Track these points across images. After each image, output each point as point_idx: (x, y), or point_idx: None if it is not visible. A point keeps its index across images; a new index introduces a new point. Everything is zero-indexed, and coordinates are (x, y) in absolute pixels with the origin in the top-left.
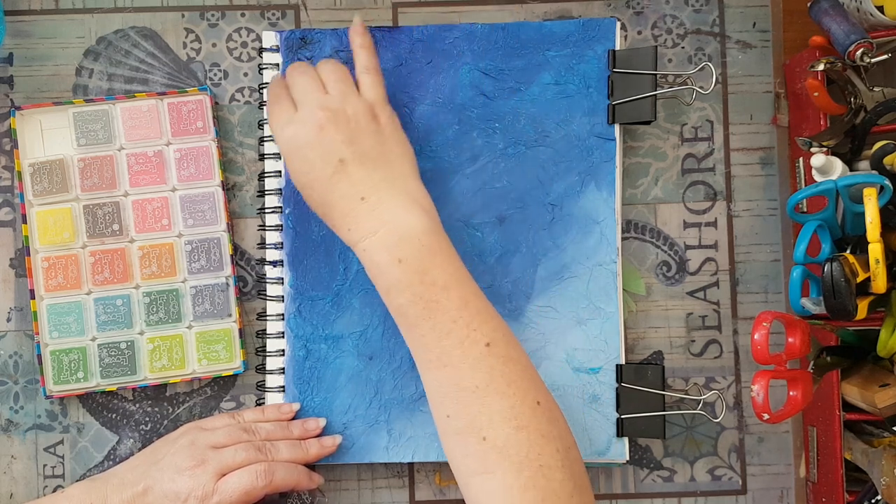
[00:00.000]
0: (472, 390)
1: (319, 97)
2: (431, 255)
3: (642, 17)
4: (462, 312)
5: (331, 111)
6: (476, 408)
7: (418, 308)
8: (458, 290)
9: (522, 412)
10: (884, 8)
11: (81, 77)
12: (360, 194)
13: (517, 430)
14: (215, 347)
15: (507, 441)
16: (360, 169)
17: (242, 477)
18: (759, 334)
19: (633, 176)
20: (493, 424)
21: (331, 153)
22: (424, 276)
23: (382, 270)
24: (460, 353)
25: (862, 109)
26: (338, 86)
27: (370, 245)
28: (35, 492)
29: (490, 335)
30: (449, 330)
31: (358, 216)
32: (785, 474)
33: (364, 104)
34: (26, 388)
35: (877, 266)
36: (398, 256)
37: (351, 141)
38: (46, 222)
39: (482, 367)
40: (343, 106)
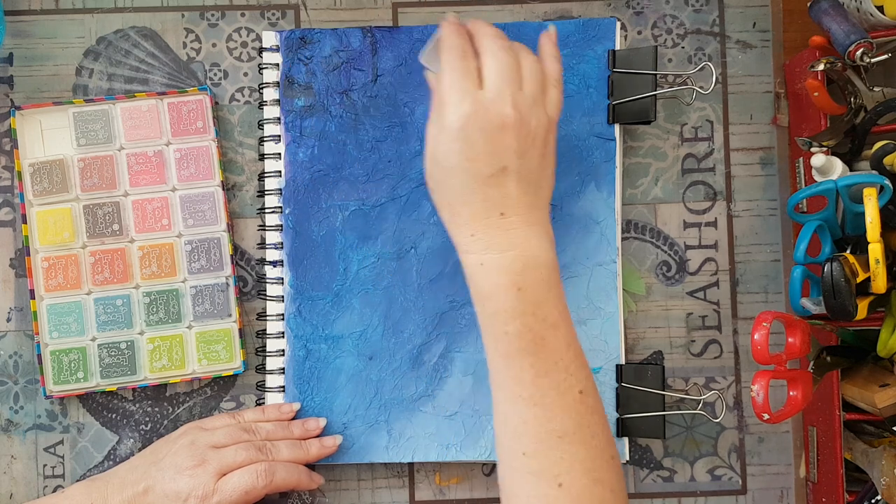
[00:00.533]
0: (558, 435)
1: (515, 91)
2: (549, 289)
3: (642, 17)
4: (563, 355)
5: (519, 115)
6: (558, 454)
7: (525, 340)
8: (565, 331)
9: (601, 466)
10: (884, 8)
11: (81, 77)
12: (503, 209)
13: (594, 482)
14: (215, 347)
15: (582, 492)
16: (517, 185)
17: (243, 476)
18: (759, 334)
19: (633, 176)
20: (572, 473)
21: (500, 156)
22: (539, 309)
23: (497, 293)
24: (555, 395)
25: (862, 109)
26: (534, 89)
27: (491, 262)
28: (35, 492)
29: (584, 383)
30: (548, 370)
31: (489, 228)
32: (785, 474)
33: (546, 120)
34: (26, 388)
35: (877, 266)
36: (519, 284)
37: (522, 154)
38: (46, 222)
39: (572, 415)
40: (531, 114)
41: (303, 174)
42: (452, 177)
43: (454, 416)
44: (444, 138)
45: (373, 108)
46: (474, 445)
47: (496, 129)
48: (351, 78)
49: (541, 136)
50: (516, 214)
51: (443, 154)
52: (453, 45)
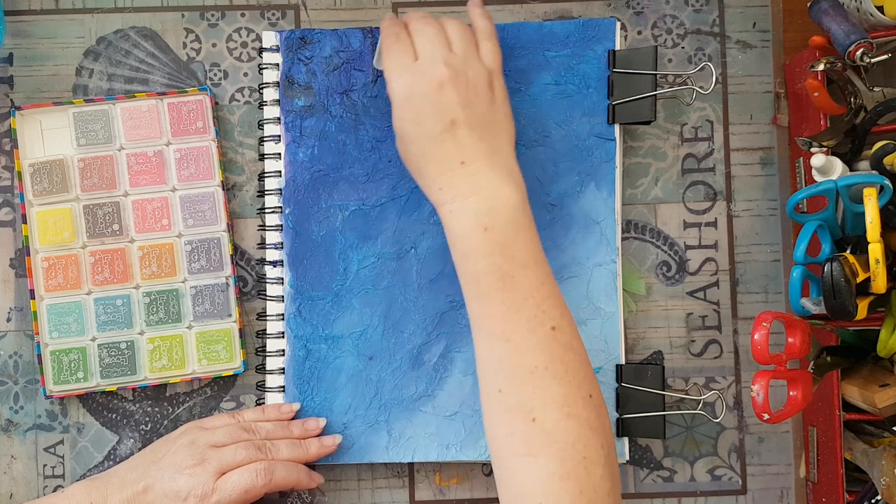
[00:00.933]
0: (530, 370)
1: (445, 53)
2: (516, 230)
3: (642, 17)
4: (535, 292)
5: (454, 70)
6: (531, 388)
7: (494, 278)
8: (535, 270)
9: (575, 401)
10: (884, 8)
11: (81, 77)
12: (462, 158)
13: (567, 417)
14: (215, 347)
15: (555, 426)
16: (469, 133)
17: (242, 475)
18: (759, 334)
19: (633, 176)
20: (545, 407)
21: (445, 111)
22: (506, 248)
23: (465, 235)
24: (526, 330)
25: (862, 109)
26: (463, 46)
27: (458, 208)
28: (35, 492)
29: (557, 320)
30: (519, 307)
31: (454, 178)
32: (785, 474)
33: (484, 70)
34: (26, 388)
35: (877, 266)
36: (485, 225)
37: (466, 104)
38: (46, 222)
39: (544, 350)
40: (465, 67)
41: (303, 174)
42: (412, 143)
43: (454, 416)
44: (396, 112)
45: (373, 108)
46: (474, 445)
47: (435, 89)
48: (351, 78)
49: (482, 84)
50: (476, 161)
51: (399, 126)
52: (389, 33)
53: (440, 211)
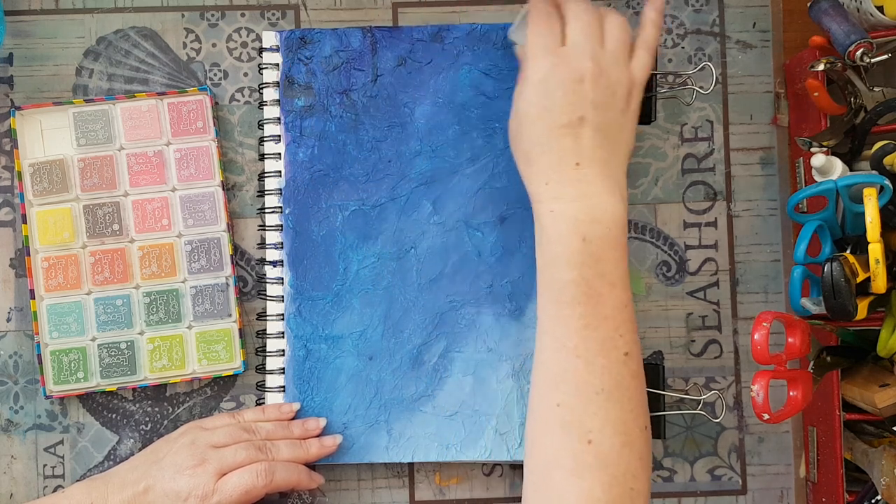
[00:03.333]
0: (596, 391)
1: (595, 47)
2: (613, 247)
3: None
4: (616, 314)
5: (599, 68)
6: (593, 409)
7: (579, 291)
8: (621, 292)
9: (632, 431)
10: (884, 8)
11: (81, 77)
12: (578, 159)
13: (623, 445)
14: (215, 347)
15: (610, 452)
16: (593, 137)
17: (243, 476)
18: (759, 334)
19: (633, 176)
20: (603, 431)
21: (576, 107)
22: (598, 263)
23: (560, 240)
24: (599, 351)
25: (862, 109)
26: (617, 46)
27: (561, 209)
28: (35, 492)
29: (630, 346)
30: (597, 325)
31: (563, 177)
32: (785, 474)
33: (628, 78)
34: (26, 388)
35: (877, 266)
36: (583, 234)
37: (600, 106)
38: (46, 222)
39: (614, 374)
40: (612, 68)
41: (303, 174)
42: (531, 126)
43: (454, 416)
44: (525, 91)
45: (373, 108)
46: (474, 445)
47: (574, 81)
48: (351, 78)
49: (621, 92)
50: (591, 167)
51: (523, 106)
52: (539, 10)
53: (538, 207)
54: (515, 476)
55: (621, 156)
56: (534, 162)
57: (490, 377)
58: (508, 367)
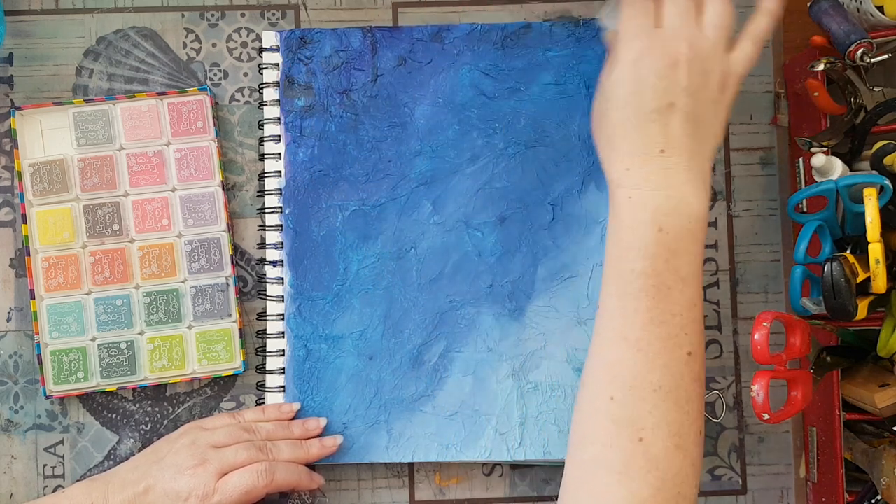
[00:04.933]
0: (654, 388)
1: (693, 31)
2: (691, 241)
3: None
4: (685, 311)
5: (695, 52)
6: (648, 406)
7: (649, 283)
8: (692, 289)
9: (688, 434)
10: (884, 8)
11: (81, 77)
12: (664, 146)
13: (676, 447)
14: (215, 347)
15: (662, 453)
16: (683, 125)
17: (243, 476)
18: (759, 334)
19: None
20: (656, 431)
21: (668, 92)
22: (673, 257)
23: (636, 228)
24: (662, 347)
25: (862, 109)
26: (716, 32)
27: (639, 197)
28: (35, 492)
29: (695, 347)
30: (663, 321)
31: (647, 163)
32: (785, 474)
33: (725, 68)
34: (26, 388)
35: (877, 266)
36: (661, 225)
37: (693, 94)
38: (46, 222)
39: (674, 372)
40: (709, 55)
41: (303, 174)
42: (617, 109)
43: (454, 416)
44: (615, 72)
45: (373, 108)
46: (474, 445)
47: (668, 66)
48: (351, 78)
49: (716, 80)
50: (677, 155)
51: (611, 87)
52: None
53: (615, 192)
54: (515, 476)
55: (709, 147)
56: (617, 146)
57: (490, 377)
58: (508, 367)
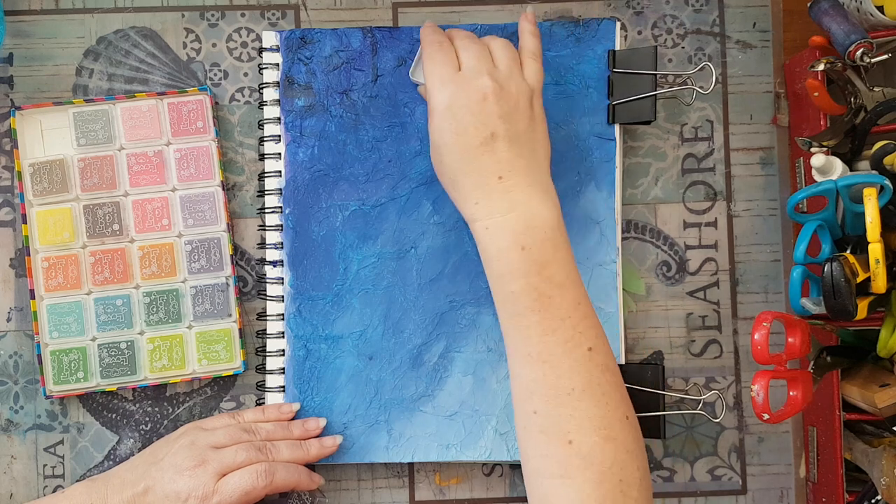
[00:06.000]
0: (567, 392)
1: (489, 66)
2: (554, 249)
3: (642, 17)
4: (571, 313)
5: (498, 83)
6: (568, 410)
7: (530, 299)
8: (572, 291)
9: (612, 424)
10: (884, 8)
11: (81, 77)
12: (500, 173)
13: (605, 440)
14: (215, 347)
15: (592, 449)
16: (509, 148)
17: (243, 477)
18: (759, 334)
19: (633, 176)
20: (581, 430)
21: (486, 124)
22: (543, 269)
23: (502, 254)
24: (562, 352)
25: (862, 109)
26: (508, 62)
27: (494, 225)
28: (35, 492)
29: (593, 341)
30: (555, 328)
31: (490, 193)
32: (785, 474)
33: (527, 87)
34: (26, 388)
35: (877, 266)
36: (522, 244)
37: (508, 118)
38: (46, 222)
39: (581, 372)
40: (509, 82)
41: (303, 174)
42: (449, 154)
43: (454, 416)
44: (435, 122)
45: (373, 108)
46: (474, 445)
47: (478, 101)
48: (351, 78)
49: (523, 101)
50: (514, 177)
51: (437, 136)
52: (431, 41)
53: (473, 226)
54: (515, 476)
55: (541, 160)
56: (460, 185)
57: (490, 377)
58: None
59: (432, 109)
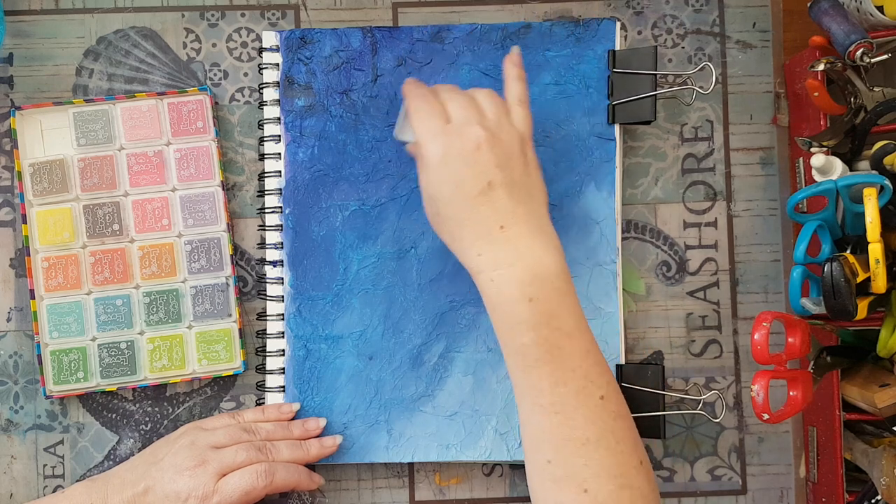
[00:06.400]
0: (581, 442)
1: (479, 116)
2: (561, 298)
3: (642, 17)
4: (582, 361)
5: (489, 132)
6: (583, 460)
7: (541, 351)
8: (581, 339)
9: (628, 471)
10: (884, 8)
11: (81, 77)
12: (501, 222)
13: (621, 488)
14: (215, 347)
15: (608, 497)
16: (507, 196)
17: (243, 477)
18: (759, 334)
19: (633, 176)
20: (597, 479)
21: (483, 174)
22: (552, 319)
23: (510, 306)
24: (575, 403)
25: (862, 109)
26: (496, 110)
27: (500, 277)
28: (35, 492)
29: (605, 389)
30: (567, 378)
31: (493, 243)
32: (785, 474)
33: (517, 134)
34: (26, 388)
35: (877, 266)
36: (529, 295)
37: (503, 166)
38: (46, 222)
39: (595, 421)
40: (499, 130)
41: (303, 174)
42: (447, 207)
43: (454, 416)
44: (430, 176)
45: (373, 108)
46: (474, 445)
47: (472, 150)
48: (351, 78)
49: (516, 147)
50: (516, 225)
51: (433, 190)
52: (417, 94)
53: (478, 278)
54: (515, 476)
55: (540, 206)
56: (461, 238)
57: (490, 377)
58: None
59: (425, 163)
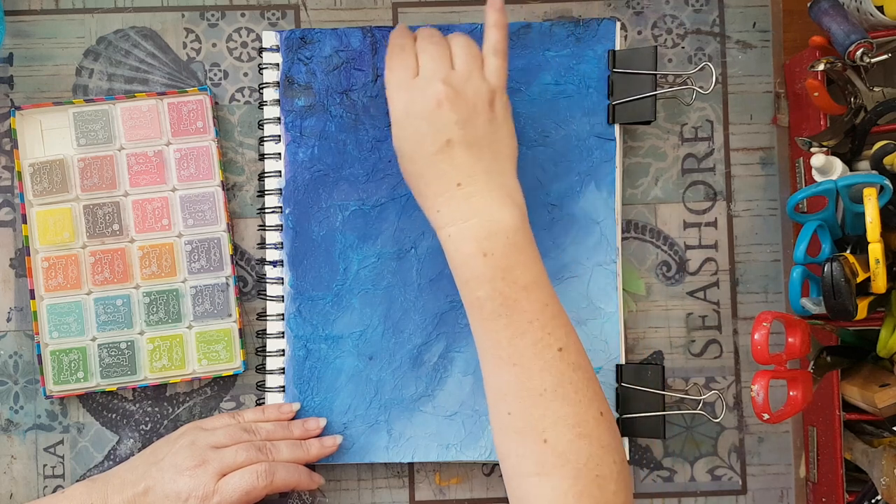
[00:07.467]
0: (539, 392)
1: (445, 70)
2: (517, 252)
3: (642, 17)
4: (539, 314)
5: (452, 88)
6: (541, 410)
7: (496, 304)
8: (538, 292)
9: (586, 420)
10: (884, 8)
11: (81, 77)
12: (458, 179)
13: (579, 437)
14: (215, 347)
15: (568, 447)
16: (466, 154)
17: (243, 477)
18: (759, 334)
19: (633, 176)
20: (556, 428)
21: (441, 131)
22: (507, 273)
23: (465, 261)
24: (532, 354)
25: (862, 109)
26: (466, 63)
27: (457, 233)
28: (35, 492)
29: (563, 340)
30: (524, 330)
31: (451, 200)
32: (785, 474)
33: (486, 88)
34: (26, 388)
35: (877, 266)
36: (484, 250)
37: (464, 124)
38: (46, 222)
39: (552, 372)
40: (465, 86)
41: (303, 174)
42: (410, 162)
43: (454, 416)
44: (395, 130)
45: (373, 107)
46: (474, 445)
47: (433, 107)
48: (351, 78)
49: (482, 103)
50: (473, 182)
51: (398, 144)
52: (394, 45)
53: (439, 234)
54: None
55: (504, 162)
56: (423, 194)
57: None
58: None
59: (393, 118)
